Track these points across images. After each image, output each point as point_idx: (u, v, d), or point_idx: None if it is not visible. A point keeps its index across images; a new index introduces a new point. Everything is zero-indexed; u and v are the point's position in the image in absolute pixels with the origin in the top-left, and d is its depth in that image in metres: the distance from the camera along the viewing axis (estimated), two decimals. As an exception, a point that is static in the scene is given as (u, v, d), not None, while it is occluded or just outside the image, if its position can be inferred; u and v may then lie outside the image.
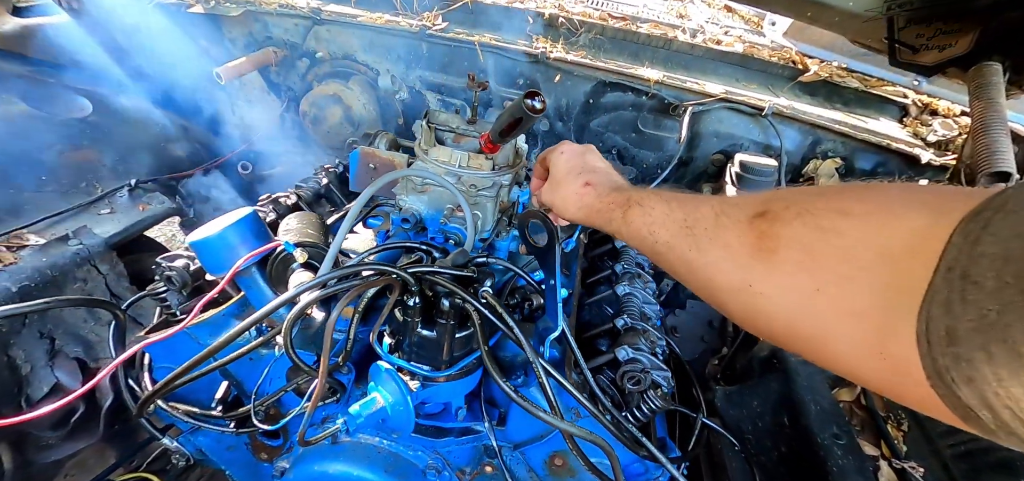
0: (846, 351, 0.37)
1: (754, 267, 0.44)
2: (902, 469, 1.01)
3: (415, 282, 0.82)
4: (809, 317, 0.39)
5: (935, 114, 1.70)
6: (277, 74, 1.98)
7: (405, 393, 0.83)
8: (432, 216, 1.16)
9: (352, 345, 0.86)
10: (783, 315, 0.42)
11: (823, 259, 0.38)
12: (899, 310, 0.31)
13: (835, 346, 0.38)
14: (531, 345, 0.76)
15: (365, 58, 1.84)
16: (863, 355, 0.35)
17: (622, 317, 1.11)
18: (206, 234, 0.91)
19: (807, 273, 0.39)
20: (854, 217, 0.37)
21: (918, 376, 0.30)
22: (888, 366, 0.33)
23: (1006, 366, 0.25)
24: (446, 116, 1.21)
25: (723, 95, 1.59)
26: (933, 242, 0.30)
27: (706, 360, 1.71)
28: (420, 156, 1.19)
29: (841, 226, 0.37)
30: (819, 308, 0.38)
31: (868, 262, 0.35)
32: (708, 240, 0.49)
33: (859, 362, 0.36)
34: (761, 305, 0.44)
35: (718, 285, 0.48)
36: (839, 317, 0.37)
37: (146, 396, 0.94)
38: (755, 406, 1.32)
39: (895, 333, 0.32)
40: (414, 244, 0.96)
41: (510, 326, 0.77)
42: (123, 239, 1.44)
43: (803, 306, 0.40)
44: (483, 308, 0.77)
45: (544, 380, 0.75)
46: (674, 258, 0.54)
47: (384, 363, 0.86)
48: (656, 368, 1.03)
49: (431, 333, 0.85)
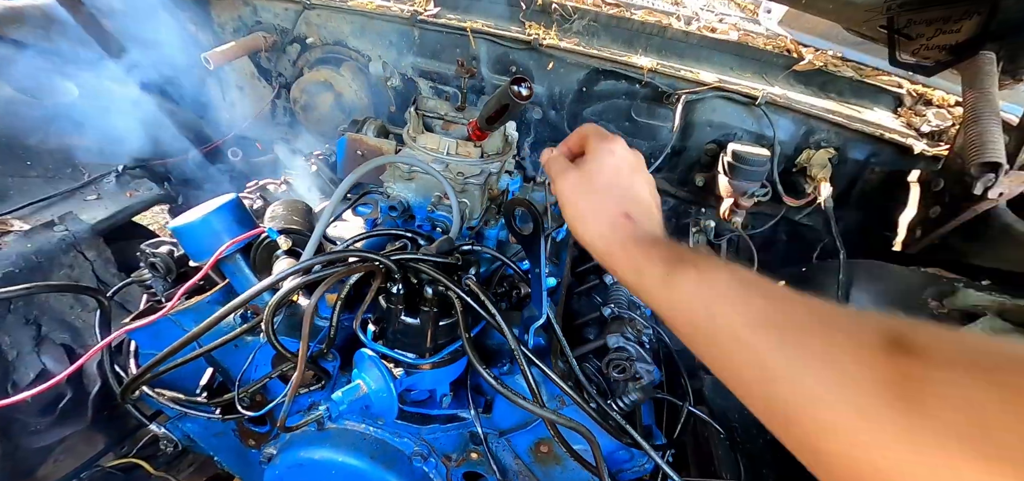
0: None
1: (890, 417, 0.31)
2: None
3: (398, 269, 0.81)
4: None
5: (929, 104, 1.69)
6: (268, 60, 1.96)
7: (388, 380, 0.83)
8: (420, 204, 1.15)
9: (335, 332, 0.86)
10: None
11: (1001, 436, 0.27)
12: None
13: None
14: (514, 333, 0.76)
15: (356, 44, 1.82)
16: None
17: (609, 305, 1.11)
18: (188, 220, 0.91)
19: (972, 450, 0.27)
20: (983, 363, 0.28)
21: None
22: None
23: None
24: (435, 103, 1.20)
25: (717, 84, 1.57)
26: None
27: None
28: (408, 143, 1.18)
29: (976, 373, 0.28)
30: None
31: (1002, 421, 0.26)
32: (807, 353, 0.36)
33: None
34: (887, 469, 0.31)
35: (820, 424, 0.35)
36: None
37: (129, 380, 0.94)
38: (743, 395, 1.33)
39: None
40: (399, 231, 0.95)
41: (492, 314, 0.76)
42: (110, 226, 1.43)
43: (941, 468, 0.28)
44: (465, 296, 0.77)
45: (526, 369, 0.75)
46: (744, 358, 0.40)
47: (368, 350, 0.86)
48: (641, 358, 1.03)
49: (414, 320, 0.85)
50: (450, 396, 0.97)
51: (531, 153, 1.91)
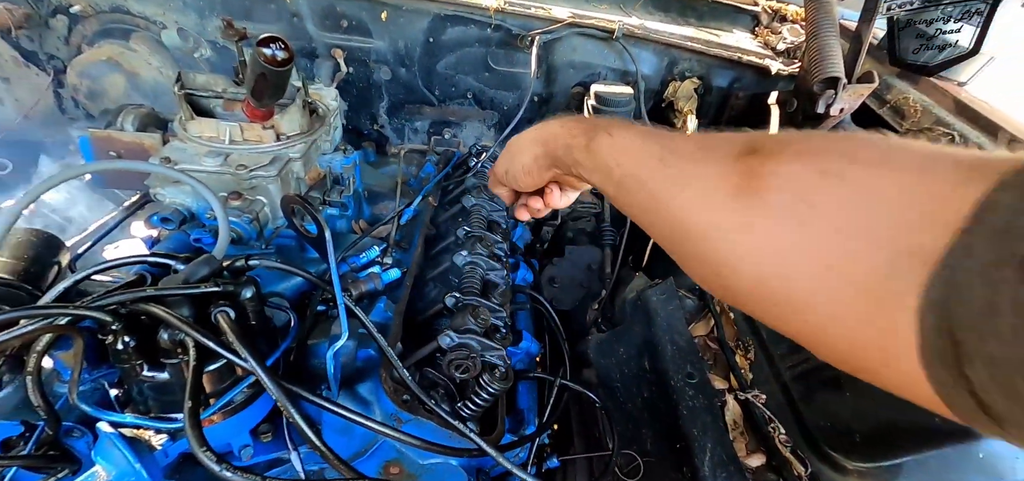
0: (825, 320, 0.32)
1: (732, 207, 0.36)
2: (746, 400, 0.99)
3: (114, 317, 0.60)
4: (787, 274, 0.33)
5: (784, 20, 1.67)
6: (31, 40, 1.53)
7: (133, 461, 0.63)
8: (202, 209, 0.91)
9: (48, 409, 0.63)
10: (754, 268, 0.35)
11: (821, 208, 0.32)
12: (904, 278, 0.27)
13: (814, 314, 0.32)
14: (276, 383, 0.58)
15: (141, 9, 1.45)
16: (846, 326, 0.31)
17: (452, 295, 0.97)
18: None
19: (796, 222, 0.33)
20: (862, 165, 0.31)
21: (909, 356, 0.27)
22: (875, 341, 0.29)
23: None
24: (207, 78, 0.94)
25: (571, 19, 1.43)
26: (957, 203, 0.25)
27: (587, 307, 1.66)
28: (179, 133, 0.93)
29: (847, 173, 0.31)
30: (803, 266, 0.32)
31: (873, 218, 0.29)
32: (684, 174, 0.41)
33: (840, 333, 0.31)
34: (731, 254, 0.37)
35: (687, 227, 0.40)
36: (826, 279, 0.31)
37: None
38: (622, 352, 1.27)
39: (893, 304, 0.27)
40: (139, 257, 0.72)
41: (243, 357, 0.58)
42: None
43: (782, 260, 0.33)
44: (199, 336, 0.58)
45: (304, 428, 0.58)
46: (641, 194, 0.45)
47: (104, 424, 0.65)
48: (489, 348, 0.91)
49: (162, 375, 0.65)
50: (251, 447, 0.79)
51: (389, 120, 1.68)
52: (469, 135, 1.74)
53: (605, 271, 1.68)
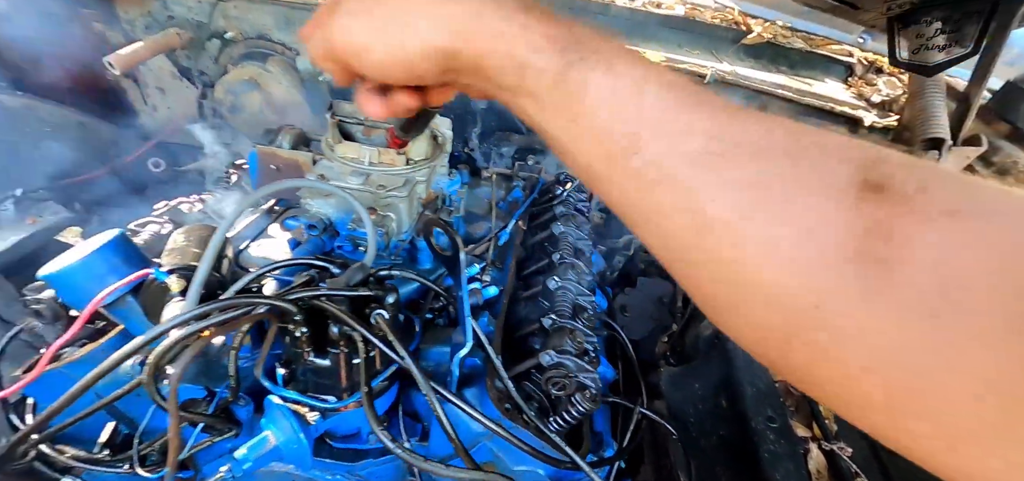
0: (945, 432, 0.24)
1: (843, 277, 0.25)
2: (831, 451, 1.00)
3: (298, 310, 0.73)
4: (916, 368, 0.23)
5: (880, 72, 1.66)
6: (187, 58, 1.80)
7: (297, 430, 0.75)
8: (342, 220, 1.06)
9: (237, 381, 0.78)
10: (880, 362, 0.24)
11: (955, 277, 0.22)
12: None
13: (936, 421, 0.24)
14: (427, 376, 0.69)
15: (281, 36, 1.67)
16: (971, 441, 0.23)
17: (549, 316, 1.05)
18: (62, 264, 0.80)
19: (933, 295, 0.23)
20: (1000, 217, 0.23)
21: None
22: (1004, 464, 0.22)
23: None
24: (352, 107, 1.10)
25: (665, 63, 1.50)
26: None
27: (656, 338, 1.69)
28: (326, 153, 1.08)
29: (981, 232, 0.23)
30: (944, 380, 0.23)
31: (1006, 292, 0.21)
32: (760, 194, 0.27)
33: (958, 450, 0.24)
34: (833, 342, 0.25)
35: (753, 276, 0.27)
36: (955, 375, 0.22)
37: (15, 439, 0.85)
38: (697, 389, 1.30)
39: None
40: (310, 260, 0.86)
41: (402, 356, 0.69)
42: (10, 259, 1.30)
43: (904, 366, 0.24)
44: (372, 336, 0.69)
45: (440, 412, 0.68)
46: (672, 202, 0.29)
47: (275, 397, 0.78)
48: (583, 369, 0.98)
49: (325, 362, 0.77)
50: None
51: (479, 144, 1.81)
52: (551, 162, 1.84)
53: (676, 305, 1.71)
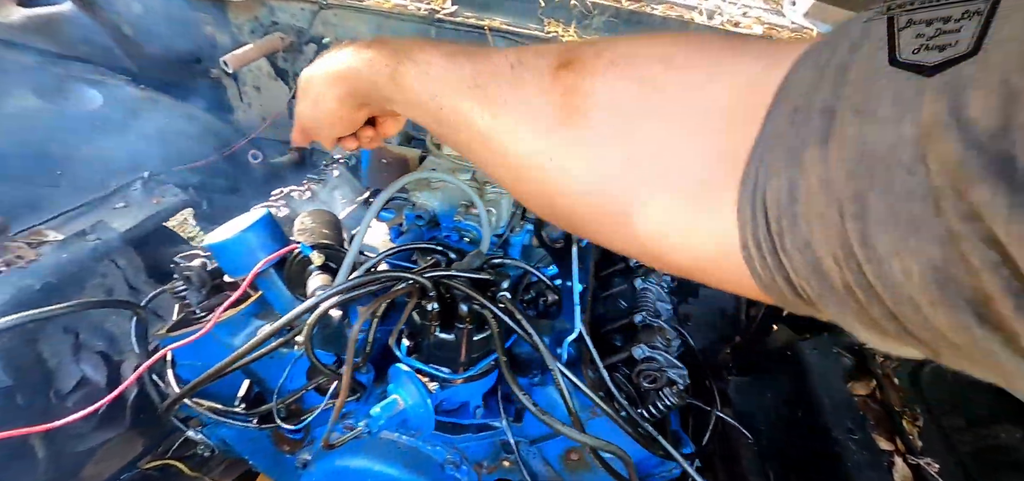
0: (655, 230, 0.31)
1: (557, 133, 0.35)
2: (917, 465, 1.01)
3: (433, 287, 0.82)
4: (617, 193, 0.32)
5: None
6: (285, 60, 1.95)
7: (425, 396, 0.84)
8: (446, 212, 1.15)
9: (371, 348, 0.87)
10: (587, 194, 0.34)
11: (640, 123, 0.31)
12: (723, 180, 0.27)
13: (645, 225, 0.32)
14: (548, 349, 0.77)
15: (373, 44, 1.80)
16: (676, 234, 0.30)
17: (640, 313, 1.11)
18: (223, 236, 0.92)
19: (620, 140, 0.32)
20: (677, 70, 0.31)
21: (735, 252, 0.26)
22: (706, 244, 0.29)
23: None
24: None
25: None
26: (762, 93, 0.25)
27: (718, 349, 1.71)
28: (431, 150, 1.18)
29: (662, 81, 0.31)
30: (630, 181, 0.32)
31: (690, 125, 0.29)
32: (503, 99, 0.38)
33: (671, 242, 0.31)
34: (562, 183, 0.35)
35: (515, 158, 0.38)
36: (653, 191, 0.31)
37: (173, 399, 0.97)
38: (768, 398, 1.33)
39: (716, 205, 0.27)
40: (429, 245, 0.95)
41: (529, 332, 0.77)
42: (140, 233, 1.46)
43: (612, 179, 0.33)
44: (501, 313, 0.77)
45: (562, 386, 0.75)
46: (464, 128, 0.41)
47: (403, 365, 0.87)
48: (671, 365, 1.03)
49: (449, 336, 0.86)
50: (483, 407, 0.98)
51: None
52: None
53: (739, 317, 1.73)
